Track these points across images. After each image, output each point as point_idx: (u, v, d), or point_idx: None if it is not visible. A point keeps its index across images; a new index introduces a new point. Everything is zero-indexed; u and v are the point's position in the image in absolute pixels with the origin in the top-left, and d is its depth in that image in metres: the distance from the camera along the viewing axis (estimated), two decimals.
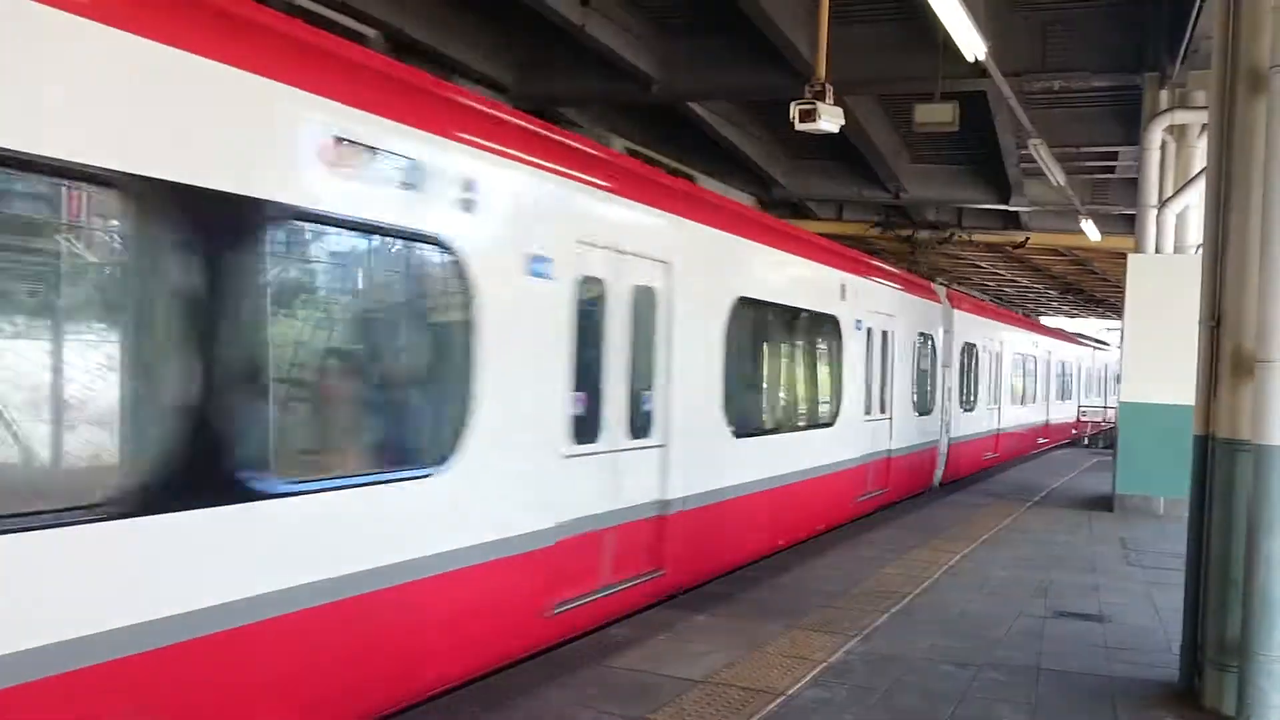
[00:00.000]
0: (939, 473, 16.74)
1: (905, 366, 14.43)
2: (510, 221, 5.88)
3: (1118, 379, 17.60)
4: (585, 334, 6.65)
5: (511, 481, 5.99)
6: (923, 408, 15.52)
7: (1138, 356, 13.61)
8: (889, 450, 13.63)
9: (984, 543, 11.09)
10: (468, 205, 5.48)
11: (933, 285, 16.85)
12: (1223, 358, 5.73)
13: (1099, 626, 7.54)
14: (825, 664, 6.23)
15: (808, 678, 5.94)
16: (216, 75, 4.12)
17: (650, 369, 7.63)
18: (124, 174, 3.76)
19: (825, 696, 5.63)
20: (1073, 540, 11.52)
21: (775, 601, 7.86)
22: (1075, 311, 55.16)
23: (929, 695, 5.72)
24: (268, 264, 4.41)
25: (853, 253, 13.06)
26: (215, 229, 4.10)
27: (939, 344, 16.41)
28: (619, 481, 7.11)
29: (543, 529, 6.19)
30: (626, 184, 7.32)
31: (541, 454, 6.26)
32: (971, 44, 10.15)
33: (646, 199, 7.56)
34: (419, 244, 5.30)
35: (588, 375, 6.75)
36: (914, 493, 15.35)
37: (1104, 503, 14.74)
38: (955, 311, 17.44)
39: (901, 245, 26.53)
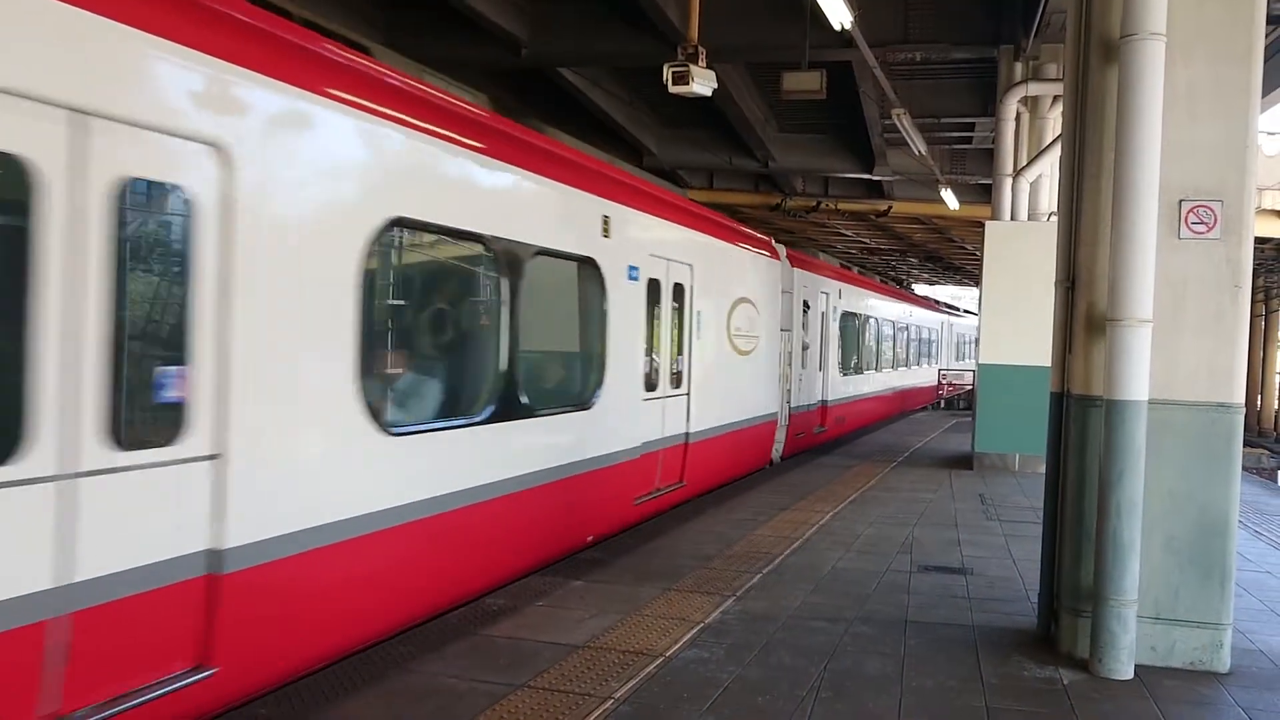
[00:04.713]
0: (778, 448, 15.32)
1: (715, 330, 12.02)
2: None
3: (975, 342, 18.24)
4: None
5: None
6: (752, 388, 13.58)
7: (995, 320, 14.11)
8: (686, 435, 11.01)
9: (852, 502, 11.40)
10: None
11: (773, 240, 14.83)
12: (1077, 317, 5.96)
13: (962, 579, 7.83)
14: (703, 624, 6.31)
15: (686, 638, 6.00)
16: None
17: None
18: None
19: (704, 656, 5.69)
20: (935, 498, 11.95)
21: (650, 566, 7.91)
22: (934, 279, 57.16)
23: (803, 651, 5.84)
24: None
25: (620, 171, 9.71)
26: None
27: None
28: None
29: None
30: None
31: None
32: (837, 13, 10.30)
33: None
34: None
35: None
36: (736, 477, 13.22)
37: (964, 461, 15.36)
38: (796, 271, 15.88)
39: (772, 213, 26.93)
